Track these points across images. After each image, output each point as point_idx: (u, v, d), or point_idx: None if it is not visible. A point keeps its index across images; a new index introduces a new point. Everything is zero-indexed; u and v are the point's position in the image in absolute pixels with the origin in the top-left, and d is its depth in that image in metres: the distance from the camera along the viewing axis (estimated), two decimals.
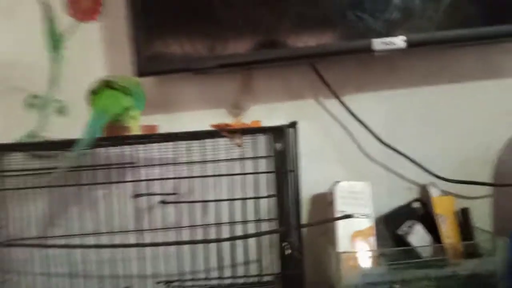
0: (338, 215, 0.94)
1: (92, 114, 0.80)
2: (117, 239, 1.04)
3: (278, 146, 0.93)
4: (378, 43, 0.95)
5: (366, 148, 1.10)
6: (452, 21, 0.96)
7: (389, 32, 0.96)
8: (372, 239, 0.93)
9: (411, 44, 0.94)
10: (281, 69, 1.09)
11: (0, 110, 1.12)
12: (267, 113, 1.11)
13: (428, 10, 0.96)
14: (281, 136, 0.94)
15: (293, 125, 0.97)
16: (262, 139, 1.01)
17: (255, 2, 0.98)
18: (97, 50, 1.10)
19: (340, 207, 0.95)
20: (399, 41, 0.94)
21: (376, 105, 1.10)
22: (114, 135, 0.85)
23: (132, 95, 0.83)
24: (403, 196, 1.08)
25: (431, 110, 1.10)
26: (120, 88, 0.82)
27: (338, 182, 0.98)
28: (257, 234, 1.00)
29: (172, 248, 1.03)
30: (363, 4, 0.96)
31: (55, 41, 1.10)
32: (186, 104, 1.11)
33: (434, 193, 1.02)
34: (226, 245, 1.06)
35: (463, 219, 0.98)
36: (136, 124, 0.85)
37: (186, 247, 1.03)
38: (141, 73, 0.97)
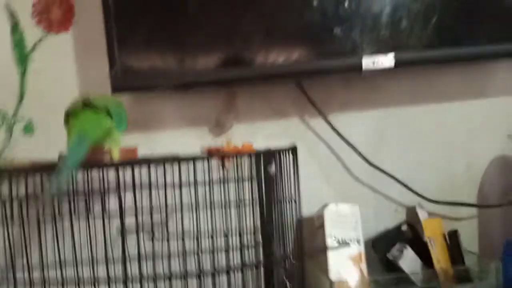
0: (329, 240, 0.90)
1: (72, 138, 0.72)
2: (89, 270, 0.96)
3: (271, 170, 0.88)
4: (367, 62, 0.92)
5: (352, 168, 1.07)
6: (439, 40, 0.95)
7: (378, 50, 0.94)
8: (364, 265, 0.90)
9: (399, 63, 0.92)
10: (264, 86, 1.05)
11: None
12: (250, 131, 1.06)
13: (416, 28, 0.95)
14: (274, 159, 0.88)
15: (293, 150, 0.88)
16: (250, 161, 0.95)
17: (237, 15, 0.94)
18: (69, 63, 1.02)
19: (331, 231, 0.91)
20: (387, 59, 0.92)
21: (362, 123, 1.07)
22: (93, 159, 0.77)
23: (113, 116, 0.76)
24: (390, 218, 1.05)
25: (416, 129, 1.08)
26: (100, 109, 0.75)
27: (326, 205, 0.95)
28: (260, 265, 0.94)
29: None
30: (351, 21, 0.94)
31: (22, 53, 1.02)
32: (165, 122, 1.05)
33: (422, 215, 1.00)
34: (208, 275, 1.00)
35: (452, 241, 0.96)
36: (117, 147, 0.77)
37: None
38: (116, 88, 0.90)
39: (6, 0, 1.01)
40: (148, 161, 0.81)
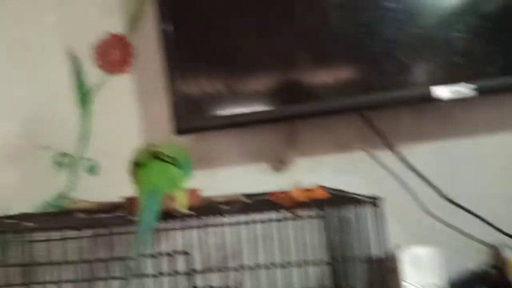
0: (405, 286, 0.82)
1: (144, 196, 0.68)
2: None
3: (347, 217, 0.81)
4: (444, 91, 0.85)
5: (426, 203, 0.99)
6: None
7: (451, 78, 0.86)
8: None
9: (481, 91, 0.84)
10: (327, 119, 1.00)
11: (28, 169, 1.04)
12: (312, 166, 1.01)
13: (493, 54, 0.87)
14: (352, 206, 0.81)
15: (374, 201, 0.74)
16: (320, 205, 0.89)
17: (297, 48, 0.90)
18: (129, 104, 1.03)
19: (407, 276, 0.84)
20: (466, 89, 0.85)
21: (434, 155, 0.99)
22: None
23: (182, 167, 0.73)
24: (471, 258, 0.96)
25: (494, 160, 0.99)
26: (169, 160, 0.72)
27: (400, 246, 0.87)
28: None
29: None
30: (419, 48, 0.88)
31: (84, 95, 1.04)
32: (225, 159, 1.03)
33: (508, 255, 0.90)
34: None
35: None
36: (183, 195, 0.74)
37: None
38: (180, 131, 0.89)
39: (68, 44, 1.03)
40: (218, 212, 0.77)
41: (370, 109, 0.93)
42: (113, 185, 1.02)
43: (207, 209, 0.79)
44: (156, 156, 0.71)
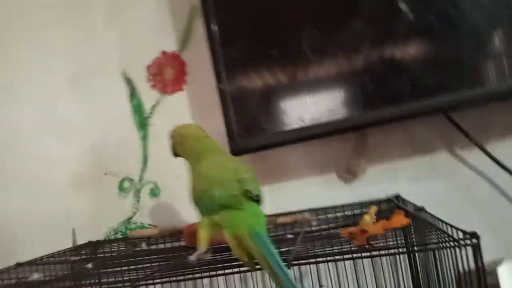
0: None
1: (260, 240, 0.56)
2: None
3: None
4: None
5: None
6: None
7: None
8: None
9: None
10: (400, 121, 0.89)
11: (94, 196, 1.03)
12: (386, 174, 0.91)
13: None
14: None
15: (473, 239, 0.53)
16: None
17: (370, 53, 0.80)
18: (186, 121, 0.99)
19: None
20: None
21: None
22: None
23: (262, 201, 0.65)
24: None
25: None
26: (258, 198, 0.62)
27: (499, 261, 0.75)
28: None
29: None
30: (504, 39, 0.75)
31: (141, 118, 1.01)
32: (289, 172, 0.95)
33: None
34: None
35: None
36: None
37: None
38: (236, 151, 0.82)
39: (123, 67, 1.01)
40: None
41: (454, 109, 0.81)
42: (175, 207, 1.00)
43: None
44: (247, 193, 0.61)
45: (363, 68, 0.80)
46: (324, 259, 0.54)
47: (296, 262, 0.54)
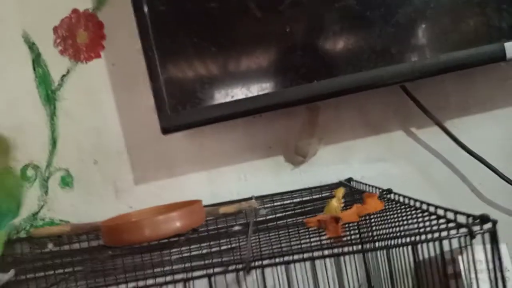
0: None
1: None
2: None
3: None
4: None
5: (488, 189, 0.79)
6: None
7: None
8: None
9: None
10: (355, 96, 0.80)
11: None
12: (341, 156, 0.81)
13: None
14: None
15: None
16: None
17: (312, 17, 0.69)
18: (104, 97, 0.82)
19: None
20: None
21: (491, 129, 0.79)
22: None
23: None
24: None
25: None
26: None
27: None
28: None
29: None
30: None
31: (48, 91, 0.83)
32: (229, 156, 0.82)
33: None
34: None
35: None
36: None
37: None
38: (167, 130, 0.68)
39: (23, 29, 0.82)
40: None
41: (411, 80, 0.72)
42: (91, 198, 0.83)
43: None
44: None
45: (312, 33, 0.69)
46: (299, 257, 0.41)
47: (258, 263, 0.41)
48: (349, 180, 0.80)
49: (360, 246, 0.46)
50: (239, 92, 0.67)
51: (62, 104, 0.83)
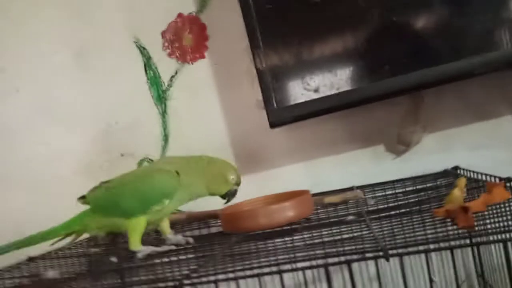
0: None
1: None
2: None
3: None
4: None
5: None
6: None
7: None
8: None
9: None
10: (458, 82, 0.78)
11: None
12: (443, 142, 0.80)
13: None
14: None
15: None
16: None
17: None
18: (210, 95, 0.87)
19: None
20: None
21: None
22: None
23: None
24: None
25: None
26: None
27: None
28: None
29: None
30: None
31: (159, 91, 0.90)
32: (326, 146, 0.84)
33: None
34: None
35: None
36: None
37: None
38: (274, 124, 0.71)
39: (134, 35, 0.89)
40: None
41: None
42: None
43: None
44: None
45: (415, 22, 0.69)
46: (457, 243, 0.41)
47: (401, 250, 0.42)
48: (456, 168, 0.78)
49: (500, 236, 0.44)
50: (344, 84, 0.69)
51: (171, 103, 0.89)
